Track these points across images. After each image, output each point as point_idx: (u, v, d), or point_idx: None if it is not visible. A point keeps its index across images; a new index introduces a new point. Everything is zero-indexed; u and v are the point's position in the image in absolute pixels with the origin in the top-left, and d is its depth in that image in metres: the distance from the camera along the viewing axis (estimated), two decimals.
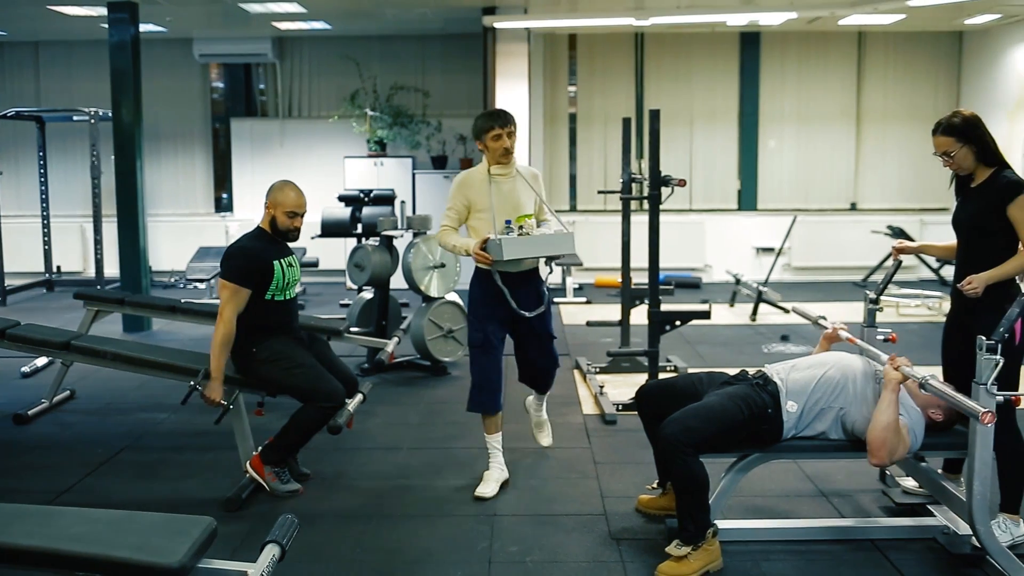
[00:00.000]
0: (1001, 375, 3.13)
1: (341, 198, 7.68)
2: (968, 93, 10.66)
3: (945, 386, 3.29)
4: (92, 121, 9.27)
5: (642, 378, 5.36)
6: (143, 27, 8.52)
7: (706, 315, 5.59)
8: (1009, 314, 3.15)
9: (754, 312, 8.52)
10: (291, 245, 4.39)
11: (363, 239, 7.16)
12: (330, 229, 7.37)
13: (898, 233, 9.84)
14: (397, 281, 6.51)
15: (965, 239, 3.68)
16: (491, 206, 4.10)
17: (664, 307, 5.43)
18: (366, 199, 7.61)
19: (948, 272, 9.17)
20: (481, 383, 4.22)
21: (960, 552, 3.41)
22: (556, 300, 9.47)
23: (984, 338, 3.10)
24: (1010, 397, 3.18)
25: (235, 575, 2.30)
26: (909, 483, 4.02)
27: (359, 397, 4.44)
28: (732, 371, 3.74)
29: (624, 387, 5.83)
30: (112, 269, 9.42)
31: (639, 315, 6.06)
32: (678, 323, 5.50)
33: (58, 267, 10.61)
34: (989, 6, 8.82)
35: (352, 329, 6.32)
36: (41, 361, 6.49)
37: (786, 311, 8.53)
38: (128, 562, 2.17)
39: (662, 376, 5.16)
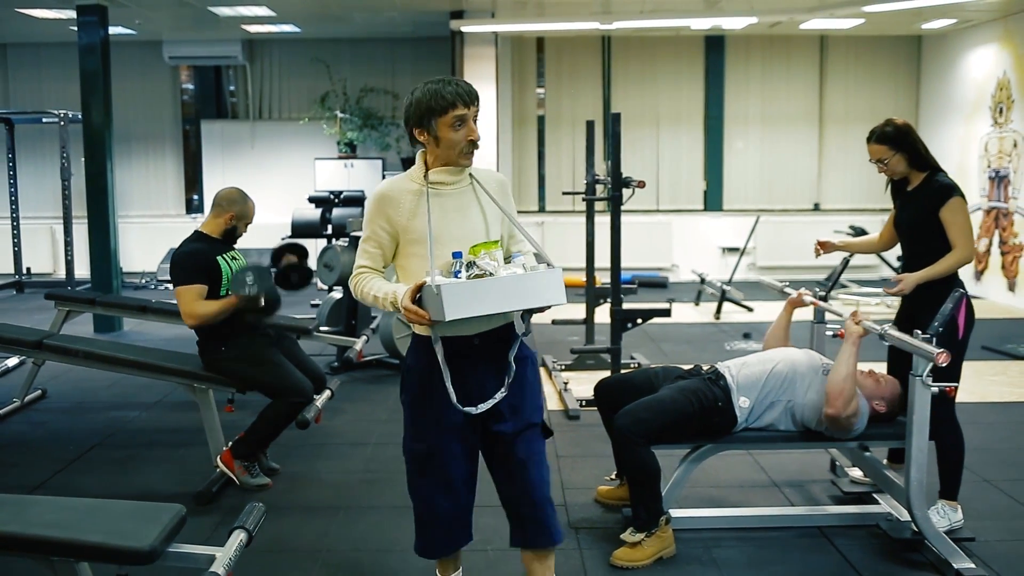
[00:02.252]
0: (944, 368, 3.28)
1: (311, 199, 7.77)
2: (926, 96, 10.90)
3: (903, 335, 3.39)
4: (62, 123, 9.29)
5: (606, 374, 5.48)
6: (112, 29, 8.55)
7: (666, 312, 5.74)
8: (943, 309, 3.31)
9: (718, 310, 8.69)
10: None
11: (333, 240, 7.26)
12: (300, 230, 7.45)
13: (859, 233, 10.03)
14: None
15: (907, 241, 3.84)
16: (429, 233, 2.60)
17: (627, 305, 5.58)
18: (336, 200, 7.70)
19: None
20: (424, 517, 2.82)
21: (901, 537, 3.56)
22: None
23: (920, 332, 3.26)
24: (945, 388, 3.33)
25: (203, 559, 2.40)
26: (856, 473, 4.18)
27: (327, 393, 4.55)
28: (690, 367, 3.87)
29: (588, 383, 5.92)
30: (82, 270, 9.45)
31: (603, 313, 6.20)
32: (640, 320, 5.66)
33: (28, 268, 10.60)
34: (945, 11, 9.04)
35: (322, 328, 6.43)
36: (12, 361, 6.53)
37: (749, 310, 8.73)
38: (101, 546, 2.26)
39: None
